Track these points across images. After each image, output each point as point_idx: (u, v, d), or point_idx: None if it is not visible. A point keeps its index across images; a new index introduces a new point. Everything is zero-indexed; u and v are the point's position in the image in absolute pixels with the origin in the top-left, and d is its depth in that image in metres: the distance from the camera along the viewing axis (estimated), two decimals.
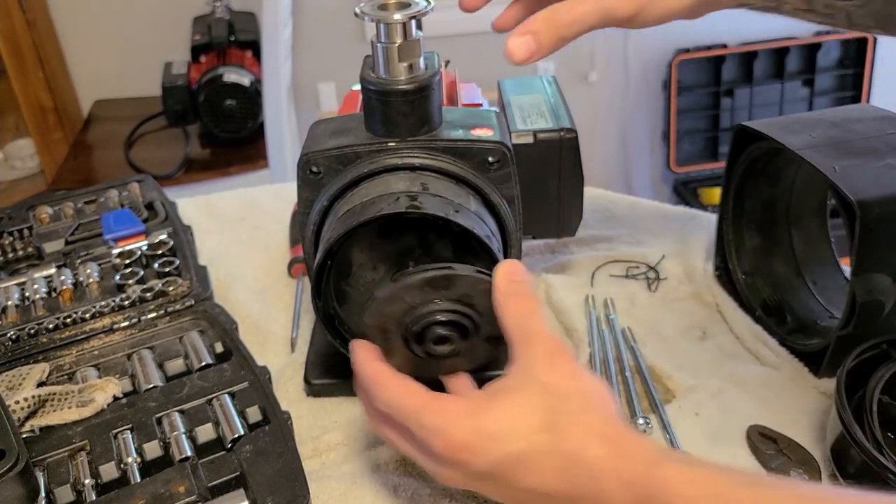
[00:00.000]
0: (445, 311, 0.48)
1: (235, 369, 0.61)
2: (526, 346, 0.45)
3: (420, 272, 0.47)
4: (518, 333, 0.46)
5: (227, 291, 0.78)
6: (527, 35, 0.47)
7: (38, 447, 0.55)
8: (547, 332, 0.46)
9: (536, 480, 0.41)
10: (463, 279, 0.48)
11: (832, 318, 0.69)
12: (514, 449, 0.42)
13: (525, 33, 0.47)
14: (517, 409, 0.43)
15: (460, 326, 0.49)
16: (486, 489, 0.44)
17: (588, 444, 0.41)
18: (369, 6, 0.54)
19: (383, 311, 0.48)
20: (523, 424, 0.42)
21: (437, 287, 0.48)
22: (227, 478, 0.52)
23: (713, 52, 2.41)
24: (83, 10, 2.14)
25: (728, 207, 0.74)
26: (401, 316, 0.48)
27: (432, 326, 0.48)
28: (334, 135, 0.58)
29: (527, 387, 0.43)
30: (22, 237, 0.80)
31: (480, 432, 0.42)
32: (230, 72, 1.81)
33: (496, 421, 0.42)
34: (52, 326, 0.67)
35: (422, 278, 0.47)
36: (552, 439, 0.41)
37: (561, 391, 0.43)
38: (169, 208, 0.83)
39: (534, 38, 0.47)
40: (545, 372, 0.44)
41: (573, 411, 0.42)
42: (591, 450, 0.41)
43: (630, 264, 0.80)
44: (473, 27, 2.33)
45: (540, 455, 0.41)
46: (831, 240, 0.74)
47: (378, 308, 0.48)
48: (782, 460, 0.56)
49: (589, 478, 0.40)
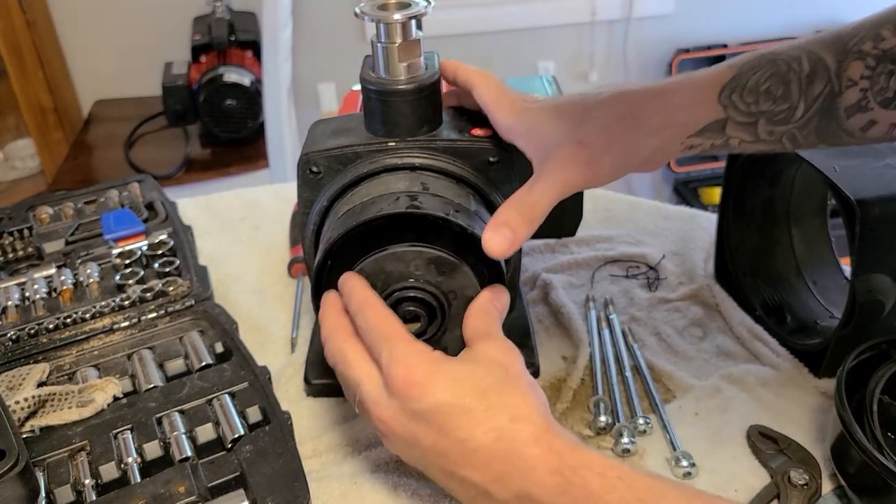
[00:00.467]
0: (431, 293, 0.52)
1: (235, 369, 0.61)
2: (486, 341, 0.50)
3: (435, 248, 0.51)
4: (482, 330, 0.51)
5: (227, 291, 0.78)
6: (502, 227, 0.50)
7: (38, 447, 0.55)
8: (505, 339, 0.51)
9: (468, 433, 0.45)
10: (463, 275, 0.52)
11: (832, 318, 0.69)
12: (460, 401, 0.46)
13: (500, 226, 0.50)
14: (475, 371, 0.48)
15: (431, 311, 0.52)
16: (418, 433, 0.47)
17: (526, 419, 0.45)
18: (369, 6, 0.54)
19: (386, 265, 0.51)
20: (476, 383, 0.46)
21: (440, 269, 0.51)
22: (227, 478, 0.52)
23: (713, 51, 2.41)
24: (83, 11, 2.14)
25: (728, 207, 0.74)
26: (395, 279, 0.52)
27: (410, 302, 0.52)
28: (334, 135, 0.58)
29: (485, 360, 0.49)
30: (22, 237, 0.80)
31: (437, 374, 0.46)
32: (230, 72, 1.81)
33: (454, 371, 0.47)
34: (53, 326, 0.67)
35: (437, 255, 0.51)
36: (498, 404, 0.46)
37: (514, 371, 0.48)
38: (169, 208, 0.83)
39: (509, 229, 0.50)
40: (502, 356, 0.49)
41: (520, 389, 0.47)
42: (525, 423, 0.45)
43: (630, 264, 0.80)
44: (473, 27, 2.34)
45: (482, 413, 0.45)
46: (831, 240, 0.74)
47: (383, 261, 0.51)
48: (782, 460, 0.56)
49: (520, 442, 0.45)
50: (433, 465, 0.47)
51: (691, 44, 2.40)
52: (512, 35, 2.37)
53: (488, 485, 0.45)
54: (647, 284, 0.78)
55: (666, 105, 0.50)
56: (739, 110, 0.49)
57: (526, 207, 0.50)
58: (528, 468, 0.44)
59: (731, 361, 0.67)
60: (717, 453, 0.58)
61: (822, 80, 0.46)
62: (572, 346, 0.70)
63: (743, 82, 0.48)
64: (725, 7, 2.42)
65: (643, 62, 2.46)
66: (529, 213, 0.50)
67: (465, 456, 0.45)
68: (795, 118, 0.48)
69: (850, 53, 0.46)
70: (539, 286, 0.77)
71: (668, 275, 0.79)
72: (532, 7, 2.34)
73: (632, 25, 2.38)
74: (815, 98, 0.47)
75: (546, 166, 0.51)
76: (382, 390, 0.48)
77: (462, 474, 0.46)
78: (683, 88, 0.50)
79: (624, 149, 0.50)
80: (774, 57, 0.48)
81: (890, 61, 0.45)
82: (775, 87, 0.48)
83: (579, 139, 0.50)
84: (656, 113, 0.50)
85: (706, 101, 0.49)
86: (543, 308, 0.75)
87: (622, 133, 0.50)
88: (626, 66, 2.46)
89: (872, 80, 0.46)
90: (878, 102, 0.46)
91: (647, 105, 0.50)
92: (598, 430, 0.61)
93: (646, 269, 0.79)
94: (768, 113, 0.48)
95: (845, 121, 0.47)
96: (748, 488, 0.55)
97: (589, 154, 0.50)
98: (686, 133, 0.50)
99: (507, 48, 2.37)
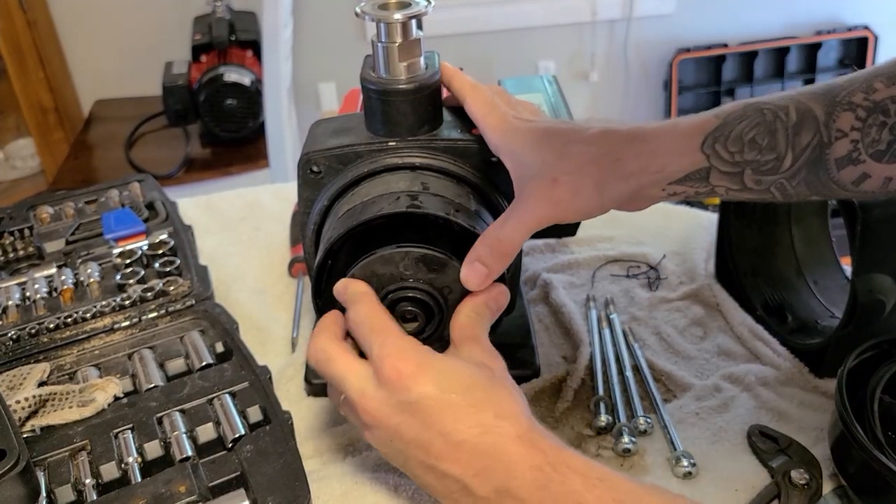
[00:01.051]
0: (425, 291, 0.52)
1: (236, 369, 0.61)
2: (472, 344, 0.51)
3: (422, 247, 0.51)
4: (467, 332, 0.52)
5: (227, 291, 0.78)
6: (475, 263, 0.51)
7: (38, 447, 0.55)
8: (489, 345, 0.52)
9: (452, 427, 0.46)
10: (453, 269, 0.52)
11: (833, 318, 0.69)
12: (446, 395, 0.46)
13: (473, 262, 0.51)
14: (463, 368, 0.49)
15: (429, 311, 0.53)
16: (402, 425, 0.47)
17: (511, 417, 0.46)
18: (370, 6, 0.54)
19: (377, 269, 0.52)
20: (464, 379, 0.48)
21: (430, 267, 0.51)
22: (227, 478, 0.52)
23: (713, 51, 2.41)
24: (84, 10, 2.14)
25: (729, 207, 0.74)
26: (388, 280, 0.52)
27: (406, 302, 0.53)
28: (335, 134, 0.58)
29: (472, 361, 0.50)
30: (23, 237, 0.80)
31: (426, 367, 0.47)
32: (231, 71, 1.81)
33: (442, 366, 0.48)
34: (53, 326, 0.67)
35: (423, 253, 0.51)
36: (484, 401, 0.47)
37: (499, 374, 0.50)
38: (169, 208, 0.83)
39: (481, 264, 0.51)
40: (487, 360, 0.50)
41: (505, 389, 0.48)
42: (510, 421, 0.46)
43: (631, 264, 0.80)
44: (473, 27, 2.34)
45: (468, 408, 0.46)
46: (832, 239, 0.74)
47: (373, 264, 0.52)
48: (783, 460, 0.56)
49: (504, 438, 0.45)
50: (413, 459, 0.48)
51: (692, 43, 2.40)
52: (512, 35, 2.37)
53: (469, 479, 0.45)
54: (648, 284, 0.78)
55: (646, 150, 0.49)
56: (723, 159, 0.48)
57: (497, 243, 0.51)
58: (511, 463, 0.45)
59: (732, 361, 0.67)
60: (717, 453, 0.58)
61: (811, 130, 0.46)
62: (573, 346, 0.70)
63: (727, 132, 0.48)
64: (726, 7, 2.42)
65: (643, 62, 2.46)
66: (500, 249, 0.51)
67: (448, 449, 0.46)
68: (783, 168, 0.47)
69: (839, 105, 0.46)
70: (539, 286, 0.77)
71: (668, 274, 0.79)
72: (532, 7, 2.34)
73: (632, 25, 2.38)
74: (803, 148, 0.46)
75: (520, 200, 0.51)
76: (370, 381, 0.49)
77: (443, 468, 0.46)
78: (666, 135, 0.50)
79: (597, 190, 0.50)
80: (761, 106, 0.48)
81: (881, 113, 0.45)
82: (761, 137, 0.47)
83: (554, 177, 0.50)
84: (635, 157, 0.49)
85: (688, 150, 0.48)
86: (544, 308, 0.75)
87: (597, 174, 0.49)
88: (627, 66, 2.46)
89: (863, 131, 0.45)
90: (869, 155, 0.45)
91: (627, 148, 0.50)
92: (599, 429, 0.61)
93: (646, 269, 0.79)
94: (754, 163, 0.48)
95: (836, 173, 0.46)
96: (749, 488, 0.55)
97: (561, 193, 0.50)
98: (666, 180, 0.49)
99: (508, 48, 2.37)
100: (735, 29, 2.41)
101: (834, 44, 2.45)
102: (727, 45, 2.41)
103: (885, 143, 0.45)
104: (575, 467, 0.44)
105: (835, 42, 2.45)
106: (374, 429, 0.49)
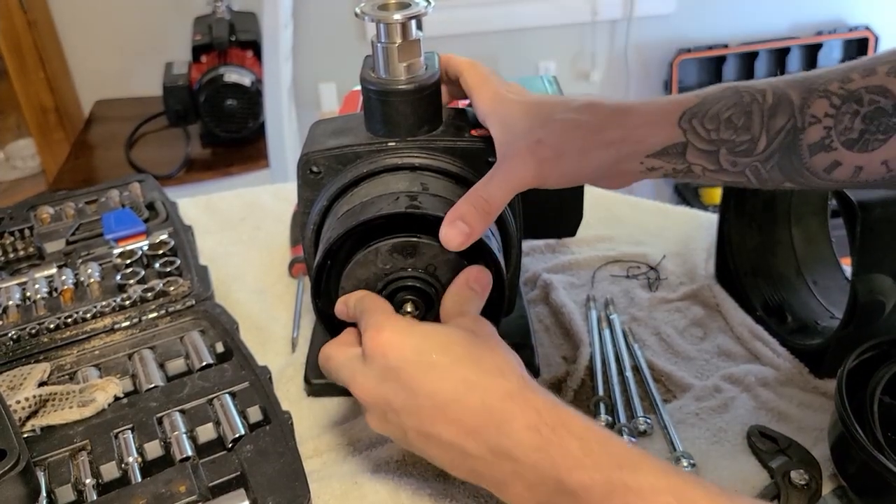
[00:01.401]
0: (413, 277, 0.53)
1: (236, 369, 0.61)
2: (459, 318, 0.51)
3: (385, 239, 0.52)
4: (454, 310, 0.51)
5: (227, 291, 0.78)
6: (457, 221, 0.51)
7: (39, 447, 0.55)
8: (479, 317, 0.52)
9: (436, 387, 0.46)
10: (427, 247, 0.52)
11: (833, 319, 0.69)
12: (425, 357, 0.47)
13: (455, 221, 0.51)
14: (441, 331, 0.49)
15: (425, 295, 0.53)
16: (388, 394, 0.47)
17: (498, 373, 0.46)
18: (369, 6, 0.54)
19: (358, 274, 0.53)
20: (442, 341, 0.48)
21: (404, 254, 0.52)
22: (227, 478, 0.52)
23: (714, 51, 2.40)
24: (84, 11, 2.14)
25: (729, 207, 0.74)
26: (373, 280, 0.53)
27: (400, 292, 0.53)
28: (334, 135, 0.58)
29: (456, 327, 0.49)
30: (23, 237, 0.80)
31: (403, 334, 0.48)
32: (231, 72, 1.81)
33: (421, 333, 0.48)
34: (54, 326, 0.67)
35: (391, 243, 0.52)
36: (464, 357, 0.47)
37: (483, 333, 0.49)
38: (170, 208, 0.83)
39: (464, 223, 0.51)
40: (472, 325, 0.50)
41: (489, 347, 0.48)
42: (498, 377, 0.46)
43: (631, 264, 0.80)
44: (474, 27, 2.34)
45: (449, 366, 0.46)
46: (832, 240, 0.74)
47: (353, 271, 0.53)
48: (783, 460, 0.56)
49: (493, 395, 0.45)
50: (411, 431, 0.47)
51: (692, 44, 2.40)
52: (513, 35, 2.37)
53: (463, 440, 0.45)
54: (648, 284, 0.78)
55: (627, 121, 0.51)
56: (699, 136, 0.49)
57: (481, 202, 0.51)
58: (503, 422, 0.44)
59: (732, 361, 0.67)
60: (717, 453, 0.58)
61: (786, 114, 0.47)
62: (573, 347, 0.70)
63: (705, 109, 0.49)
64: (726, 7, 2.42)
65: (644, 62, 2.46)
66: (484, 207, 0.51)
67: (437, 410, 0.46)
68: (758, 151, 0.48)
69: (815, 91, 0.47)
70: (539, 286, 0.77)
71: (668, 275, 0.79)
72: (533, 7, 2.33)
73: (633, 25, 2.38)
74: (777, 132, 0.47)
75: (504, 161, 0.52)
76: (358, 360, 0.49)
77: (437, 433, 0.46)
78: (647, 108, 0.51)
79: (578, 155, 0.51)
80: (740, 88, 0.49)
81: (855, 101, 0.46)
82: (737, 117, 0.48)
83: (539, 138, 0.51)
84: (615, 127, 0.51)
85: (666, 123, 0.50)
86: (544, 308, 0.75)
87: (578, 140, 0.51)
88: (627, 66, 2.46)
89: (837, 118, 0.46)
90: (841, 143, 0.46)
91: (608, 118, 0.51)
92: None
93: (646, 270, 0.79)
94: (729, 143, 0.49)
95: (808, 159, 0.47)
96: (748, 488, 0.55)
97: (543, 154, 0.51)
98: (644, 152, 0.50)
99: (508, 48, 2.37)
100: (736, 29, 2.41)
101: (835, 44, 2.45)
102: (728, 46, 2.40)
103: (857, 131, 0.46)
104: (573, 429, 0.43)
105: (836, 42, 2.45)
106: (371, 408, 0.49)
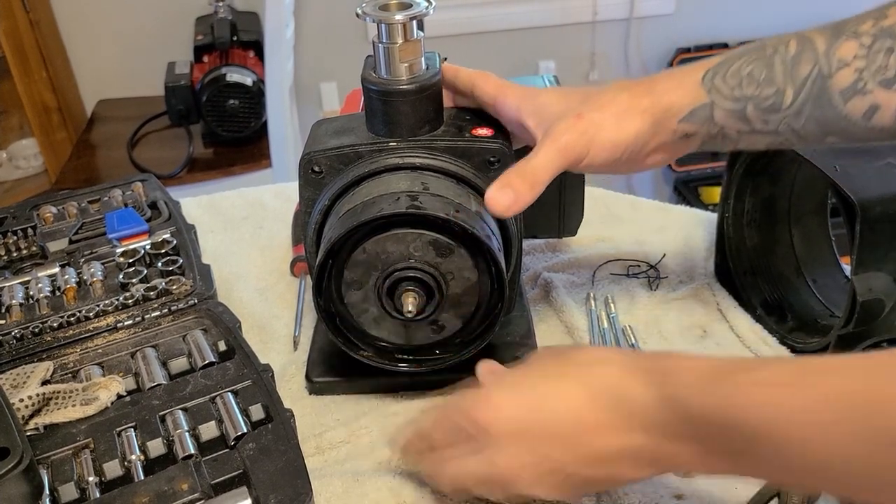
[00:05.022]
0: (424, 270, 0.54)
1: (238, 367, 0.62)
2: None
3: (433, 232, 0.53)
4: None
5: (230, 290, 0.79)
6: (505, 187, 0.51)
7: (42, 445, 0.55)
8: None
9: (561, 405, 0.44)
10: (462, 258, 0.54)
11: (833, 317, 0.69)
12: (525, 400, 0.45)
13: (504, 186, 0.51)
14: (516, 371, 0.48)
15: (428, 290, 0.55)
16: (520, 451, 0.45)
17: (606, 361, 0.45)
18: (371, 7, 0.55)
19: (387, 245, 0.54)
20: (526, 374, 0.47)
21: (438, 251, 0.54)
22: (230, 475, 0.52)
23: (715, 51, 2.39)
24: (86, 10, 2.14)
25: (729, 206, 0.74)
26: (395, 259, 0.54)
27: (406, 281, 0.54)
28: (336, 134, 0.59)
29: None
30: (26, 236, 0.80)
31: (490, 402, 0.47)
32: (233, 72, 1.81)
33: (505, 388, 0.47)
34: (57, 325, 0.67)
35: (433, 236, 0.53)
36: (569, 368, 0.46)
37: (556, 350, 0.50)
38: (172, 207, 0.83)
39: (512, 189, 0.51)
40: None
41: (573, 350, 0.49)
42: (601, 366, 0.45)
43: (631, 263, 0.80)
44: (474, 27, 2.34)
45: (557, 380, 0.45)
46: (832, 238, 0.74)
47: (384, 240, 0.54)
48: None
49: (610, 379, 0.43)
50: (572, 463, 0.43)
51: (692, 43, 2.40)
52: (513, 35, 2.37)
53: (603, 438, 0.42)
54: (648, 283, 0.78)
55: (655, 88, 0.52)
56: (723, 94, 0.49)
57: (528, 174, 0.51)
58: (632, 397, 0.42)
59: None
60: None
61: (810, 61, 0.45)
62: (573, 345, 0.70)
63: (727, 66, 0.49)
64: (727, 7, 2.41)
65: (644, 62, 2.46)
66: (531, 179, 0.51)
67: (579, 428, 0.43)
68: (786, 104, 0.47)
69: (843, 34, 0.44)
70: (540, 285, 0.77)
71: (668, 274, 0.79)
72: (533, 7, 2.33)
73: (633, 25, 2.38)
74: (802, 81, 0.45)
75: (547, 137, 0.53)
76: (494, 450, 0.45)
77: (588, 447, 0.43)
78: (673, 74, 0.53)
79: (616, 124, 0.52)
80: (765, 42, 0.48)
81: (889, 37, 0.43)
82: (758, 70, 0.47)
83: (579, 113, 0.52)
84: (646, 94, 0.52)
85: (690, 85, 0.50)
86: (544, 306, 0.75)
87: (614, 109, 0.52)
88: (628, 66, 2.46)
89: (869, 58, 0.43)
90: (877, 83, 0.44)
91: (639, 89, 0.53)
92: None
93: (646, 268, 0.80)
94: (755, 98, 0.48)
95: (842, 107, 0.45)
96: (748, 487, 0.55)
97: (586, 125, 0.52)
98: (675, 116, 0.51)
99: (508, 48, 2.37)
100: (736, 29, 2.41)
101: None
102: (728, 45, 2.40)
103: (894, 69, 0.43)
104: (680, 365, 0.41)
105: None
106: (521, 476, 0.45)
